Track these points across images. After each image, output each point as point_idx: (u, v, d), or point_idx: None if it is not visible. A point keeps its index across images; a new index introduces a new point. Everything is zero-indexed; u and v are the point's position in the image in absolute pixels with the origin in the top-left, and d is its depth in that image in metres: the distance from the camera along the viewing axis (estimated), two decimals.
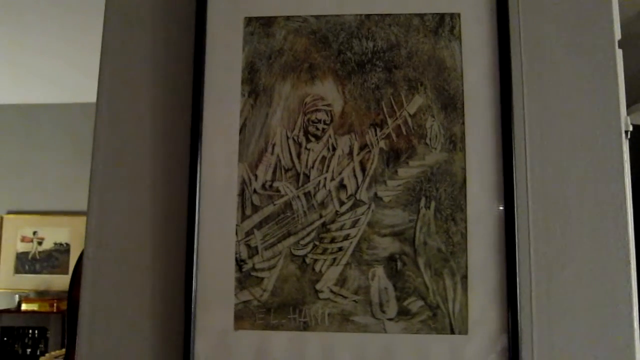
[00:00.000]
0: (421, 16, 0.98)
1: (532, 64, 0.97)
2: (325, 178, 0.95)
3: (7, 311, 4.30)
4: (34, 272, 4.48)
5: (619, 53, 0.97)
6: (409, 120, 0.96)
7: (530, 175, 0.95)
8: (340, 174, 0.95)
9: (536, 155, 0.95)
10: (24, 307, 4.25)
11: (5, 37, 3.40)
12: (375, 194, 0.94)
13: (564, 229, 0.94)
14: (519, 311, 0.89)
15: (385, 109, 0.96)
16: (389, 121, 0.96)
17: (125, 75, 1.04)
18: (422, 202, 0.94)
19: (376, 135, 0.96)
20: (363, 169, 0.95)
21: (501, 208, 0.92)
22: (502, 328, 0.90)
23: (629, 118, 0.96)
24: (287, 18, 1.00)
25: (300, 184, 0.96)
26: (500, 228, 0.92)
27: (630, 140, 0.97)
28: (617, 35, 0.97)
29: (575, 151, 0.95)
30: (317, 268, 0.94)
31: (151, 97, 1.03)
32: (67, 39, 3.40)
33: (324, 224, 0.95)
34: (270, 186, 0.96)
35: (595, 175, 0.94)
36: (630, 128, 0.96)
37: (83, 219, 1.01)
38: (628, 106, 0.99)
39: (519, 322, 0.89)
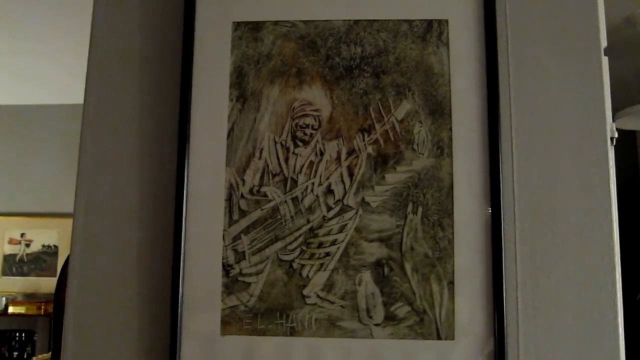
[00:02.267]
0: (409, 22, 0.98)
1: (519, 70, 0.98)
2: (313, 183, 0.95)
3: None
4: (21, 274, 4.44)
5: (605, 60, 0.98)
6: (397, 125, 0.96)
7: (517, 181, 0.95)
8: (327, 179, 0.95)
9: (523, 161, 0.96)
10: (11, 309, 4.21)
11: None
12: (363, 199, 0.95)
13: (550, 234, 0.94)
14: (505, 316, 0.89)
15: (373, 114, 0.96)
16: (377, 126, 0.96)
17: (112, 77, 1.04)
18: (410, 208, 0.94)
19: (364, 140, 0.96)
20: (351, 174, 0.95)
21: (488, 213, 0.93)
22: (489, 333, 0.90)
23: (614, 125, 0.97)
24: (276, 23, 0.99)
25: (287, 189, 0.96)
26: (487, 233, 0.92)
27: (615, 145, 0.98)
28: (603, 43, 0.98)
29: (562, 157, 0.96)
30: (304, 273, 0.93)
31: (139, 100, 1.02)
32: (56, 41, 3.38)
33: (311, 229, 0.95)
34: (258, 191, 0.96)
35: (581, 181, 0.95)
36: (616, 135, 0.97)
37: (71, 221, 1.00)
38: (613, 113, 1.00)
39: (505, 327, 0.89)
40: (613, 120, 0.99)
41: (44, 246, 4.47)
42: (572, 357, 0.91)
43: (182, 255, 0.94)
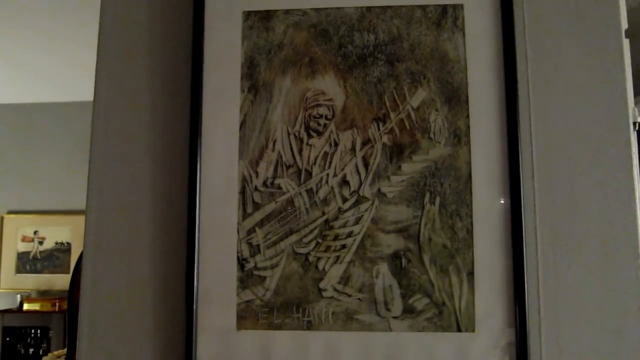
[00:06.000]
0: (423, 8, 0.96)
1: (537, 55, 0.96)
2: (328, 174, 0.94)
3: (9, 311, 4.30)
4: (35, 271, 4.48)
5: (626, 43, 0.95)
6: (412, 114, 0.94)
7: (536, 169, 0.93)
8: (342, 170, 0.94)
9: (542, 148, 0.94)
10: (25, 306, 4.25)
11: (3, 35, 3.38)
12: (379, 190, 0.93)
13: (571, 222, 0.92)
14: (526, 307, 0.87)
15: (387, 103, 0.94)
16: (392, 115, 0.94)
17: (122, 72, 1.03)
18: (427, 198, 0.92)
19: (379, 130, 0.94)
20: (366, 165, 0.93)
21: (507, 203, 0.90)
22: (510, 324, 0.88)
23: (637, 109, 0.95)
24: (287, 11, 0.98)
25: (302, 181, 0.94)
26: (507, 223, 0.90)
27: (638, 131, 0.95)
28: (624, 25, 0.95)
29: (583, 144, 0.93)
30: (320, 266, 0.92)
31: (149, 93, 1.01)
32: (65, 37, 3.38)
33: (326, 221, 0.93)
34: (272, 183, 0.94)
35: (602, 167, 0.92)
36: (639, 119, 0.94)
37: (84, 217, 1.00)
38: (635, 97, 0.97)
39: (526, 317, 0.87)
40: (635, 105, 0.96)
41: (57, 243, 4.51)
42: (595, 347, 0.89)
43: (196, 250, 0.92)
